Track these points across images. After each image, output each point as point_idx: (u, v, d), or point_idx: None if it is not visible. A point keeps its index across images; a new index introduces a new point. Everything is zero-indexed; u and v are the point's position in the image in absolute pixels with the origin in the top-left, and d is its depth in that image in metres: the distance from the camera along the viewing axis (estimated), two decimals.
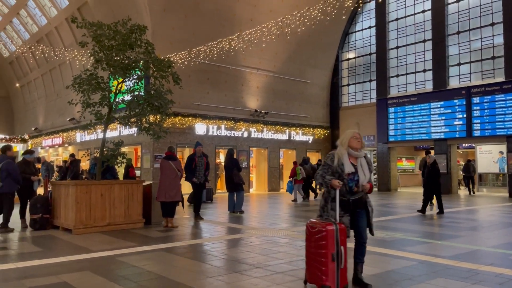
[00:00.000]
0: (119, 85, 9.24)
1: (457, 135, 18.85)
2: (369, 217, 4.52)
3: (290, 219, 10.60)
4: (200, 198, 10.59)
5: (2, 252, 6.57)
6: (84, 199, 8.24)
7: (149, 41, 9.24)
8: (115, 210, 8.65)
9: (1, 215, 8.69)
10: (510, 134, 17.30)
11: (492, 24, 18.38)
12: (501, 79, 17.77)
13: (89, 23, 8.95)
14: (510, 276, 4.93)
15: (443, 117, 19.27)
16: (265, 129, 21.56)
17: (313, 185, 16.84)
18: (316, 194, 17.08)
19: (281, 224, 9.59)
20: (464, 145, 22.77)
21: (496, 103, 17.63)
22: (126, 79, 9.37)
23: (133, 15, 16.74)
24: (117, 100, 9.28)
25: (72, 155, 15.77)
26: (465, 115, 18.49)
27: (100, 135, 21.12)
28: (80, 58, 21.98)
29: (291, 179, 16.05)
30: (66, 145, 25.90)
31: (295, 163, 16.45)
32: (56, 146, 27.25)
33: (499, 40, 18.12)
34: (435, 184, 11.48)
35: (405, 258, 5.88)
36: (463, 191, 21.04)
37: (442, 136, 19.32)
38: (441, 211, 11.27)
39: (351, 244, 4.52)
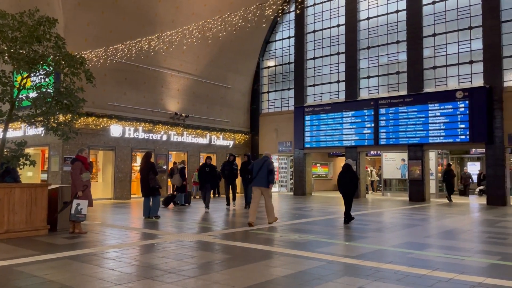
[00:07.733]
0: (24, 81, 8.55)
1: (366, 143, 20.18)
2: None
3: (206, 223, 10.55)
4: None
5: None
6: None
7: (59, 35, 8.68)
8: (15, 216, 7.93)
9: None
10: (410, 143, 18.90)
11: (397, 42, 20.04)
12: (404, 92, 19.39)
13: None
14: (407, 272, 5.37)
15: (354, 126, 20.53)
16: (185, 132, 21.25)
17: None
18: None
19: (197, 229, 9.50)
20: (372, 152, 24.46)
21: (400, 114, 19.17)
22: (32, 75, 8.72)
23: (43, 7, 15.59)
24: (20, 96, 8.58)
25: None
26: (373, 125, 19.86)
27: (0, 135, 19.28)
28: None
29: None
30: None
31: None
32: None
33: (403, 57, 19.80)
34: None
35: (315, 259, 6.14)
36: (370, 195, 22.58)
37: (353, 144, 20.56)
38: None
39: None
